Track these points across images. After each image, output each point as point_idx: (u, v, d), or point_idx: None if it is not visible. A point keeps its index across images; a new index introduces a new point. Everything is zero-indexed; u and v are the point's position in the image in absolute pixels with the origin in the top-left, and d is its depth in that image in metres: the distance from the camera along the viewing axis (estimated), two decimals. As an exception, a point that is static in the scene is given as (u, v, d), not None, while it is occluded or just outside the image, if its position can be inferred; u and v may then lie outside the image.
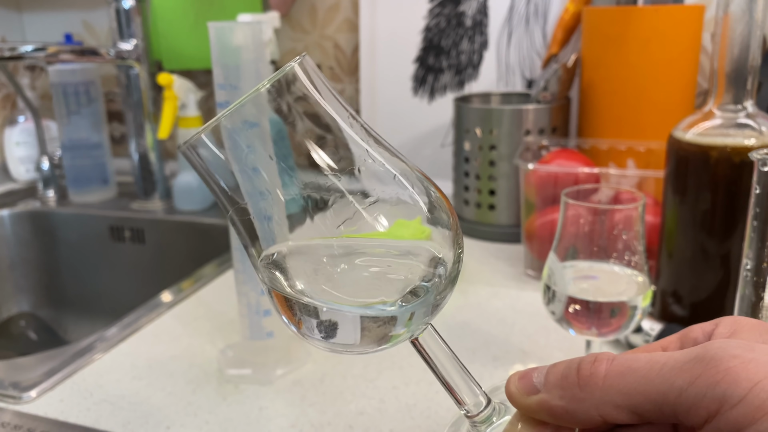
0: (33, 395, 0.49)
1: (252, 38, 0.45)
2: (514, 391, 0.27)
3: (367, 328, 0.28)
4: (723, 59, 0.47)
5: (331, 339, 0.28)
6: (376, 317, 0.28)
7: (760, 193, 0.33)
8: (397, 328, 0.28)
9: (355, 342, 0.29)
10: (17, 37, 1.19)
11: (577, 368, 0.25)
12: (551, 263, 0.44)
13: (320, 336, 0.28)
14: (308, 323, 0.28)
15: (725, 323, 0.26)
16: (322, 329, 0.28)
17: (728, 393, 0.21)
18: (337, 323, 0.28)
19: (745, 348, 0.22)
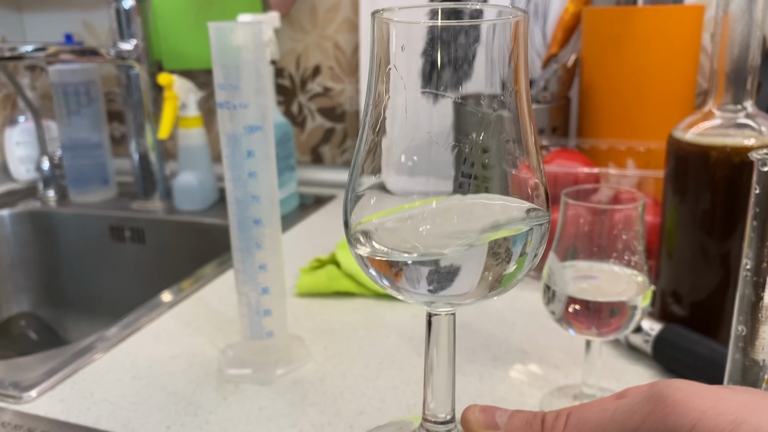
0: (33, 395, 0.49)
1: (252, 38, 0.45)
2: (473, 421, 0.29)
3: (488, 266, 0.28)
4: (723, 59, 0.47)
5: (443, 291, 0.28)
6: (497, 246, 0.27)
7: (759, 193, 0.33)
8: (511, 264, 0.28)
9: (471, 288, 0.28)
10: (17, 37, 1.19)
11: (542, 420, 0.28)
12: (551, 263, 0.44)
13: (427, 289, 0.28)
14: (416, 273, 0.28)
15: (660, 382, 0.28)
16: (434, 279, 0.28)
17: (678, 424, 0.23)
18: (459, 267, 0.27)
19: (688, 384, 0.24)
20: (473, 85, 0.29)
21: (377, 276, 0.29)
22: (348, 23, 1.00)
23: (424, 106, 0.29)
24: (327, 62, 1.03)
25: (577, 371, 0.51)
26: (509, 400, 0.48)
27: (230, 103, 0.46)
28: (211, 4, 0.99)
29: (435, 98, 0.29)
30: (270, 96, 0.62)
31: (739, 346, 0.36)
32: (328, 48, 1.02)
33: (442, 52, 0.27)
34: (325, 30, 1.01)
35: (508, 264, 0.28)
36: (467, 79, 0.29)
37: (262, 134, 0.47)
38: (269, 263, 0.49)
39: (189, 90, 0.93)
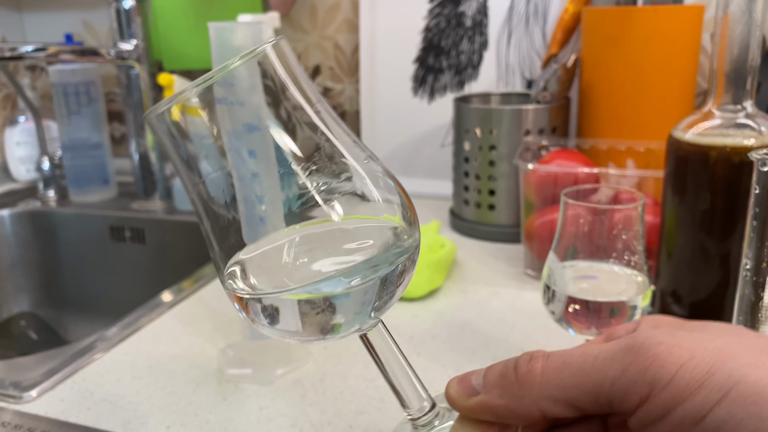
0: (33, 395, 0.49)
1: (252, 38, 0.45)
2: (454, 395, 0.29)
3: (306, 314, 0.28)
4: (722, 59, 0.47)
5: (276, 325, 0.29)
6: (312, 302, 0.28)
7: (759, 193, 0.34)
8: (337, 317, 0.28)
9: (298, 329, 0.28)
10: (18, 37, 1.19)
11: (514, 367, 0.27)
12: (551, 263, 0.44)
13: (266, 322, 0.29)
14: (253, 308, 0.29)
15: (646, 321, 0.28)
16: (267, 315, 0.28)
17: (657, 376, 0.23)
18: (278, 308, 0.28)
19: (668, 335, 0.24)
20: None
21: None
22: (348, 23, 1.00)
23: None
24: (327, 62, 1.03)
25: (577, 371, 0.51)
26: (509, 400, 0.48)
27: (228, 100, 0.46)
28: (212, 5, 0.99)
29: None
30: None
31: (738, 346, 0.36)
32: (328, 48, 1.02)
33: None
34: (325, 30, 1.02)
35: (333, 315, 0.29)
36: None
37: (262, 134, 0.47)
38: (269, 263, 0.49)
39: (189, 90, 0.93)
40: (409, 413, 0.31)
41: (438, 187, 0.96)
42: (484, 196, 0.79)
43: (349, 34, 1.01)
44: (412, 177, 0.97)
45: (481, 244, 0.79)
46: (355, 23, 0.99)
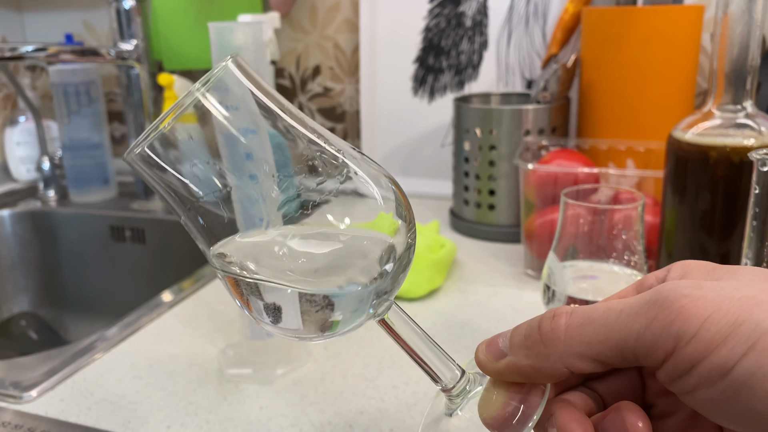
0: (33, 395, 0.49)
1: (252, 38, 0.45)
2: (483, 359, 0.29)
3: (306, 311, 0.28)
4: (722, 59, 0.47)
5: (279, 324, 0.29)
6: (312, 298, 0.28)
7: (759, 192, 0.34)
8: (336, 313, 0.28)
9: (299, 327, 0.29)
10: (18, 37, 1.19)
11: (538, 326, 0.27)
12: (551, 263, 0.44)
13: (268, 320, 0.29)
14: (255, 305, 0.29)
15: (676, 268, 0.27)
16: (269, 312, 0.29)
17: (682, 331, 0.22)
18: (280, 306, 0.28)
19: (694, 287, 0.23)
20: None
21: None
22: (348, 23, 1.00)
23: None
24: (327, 62, 1.03)
25: (577, 371, 0.51)
26: (509, 399, 0.48)
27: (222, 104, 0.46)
28: (211, 5, 0.99)
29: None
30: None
31: (738, 345, 0.36)
32: (328, 48, 1.02)
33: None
34: (325, 30, 1.02)
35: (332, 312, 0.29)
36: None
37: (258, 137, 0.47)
38: (269, 263, 0.50)
39: (189, 90, 0.93)
40: (442, 386, 0.31)
41: (438, 187, 0.96)
42: (484, 196, 0.79)
43: (349, 34, 1.01)
44: (412, 177, 0.97)
45: (481, 244, 0.79)
46: (355, 23, 0.99)
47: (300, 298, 0.28)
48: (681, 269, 0.27)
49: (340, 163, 0.29)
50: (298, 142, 0.30)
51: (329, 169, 0.29)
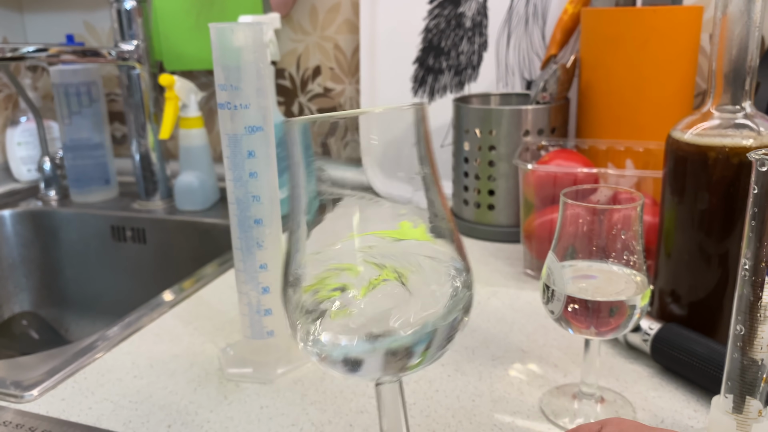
0: (35, 394, 0.50)
1: (253, 39, 0.45)
2: None
3: (389, 362, 0.29)
4: (721, 60, 0.48)
5: (355, 373, 0.30)
6: (395, 352, 0.29)
7: (758, 193, 0.34)
8: (413, 359, 0.30)
9: (379, 373, 0.30)
10: (19, 37, 1.19)
11: None
12: (550, 263, 0.44)
13: (343, 370, 0.30)
14: (331, 360, 0.30)
15: (612, 423, 0.28)
16: (348, 366, 0.30)
17: None
18: (362, 360, 0.29)
19: None
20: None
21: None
22: (348, 24, 1.00)
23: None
24: (327, 63, 1.03)
25: (576, 370, 0.51)
26: (508, 399, 0.48)
27: (231, 104, 0.46)
28: (212, 5, 0.99)
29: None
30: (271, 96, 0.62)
31: (737, 345, 0.36)
32: (329, 49, 1.03)
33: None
34: (326, 31, 1.02)
35: (409, 359, 0.30)
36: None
37: (263, 134, 0.47)
38: (270, 263, 0.50)
39: (190, 90, 0.94)
40: None
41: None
42: (483, 196, 0.80)
43: (349, 35, 1.01)
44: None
45: (481, 244, 0.79)
46: (355, 24, 1.00)
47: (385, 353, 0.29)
48: (617, 425, 0.28)
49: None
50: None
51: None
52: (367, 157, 0.30)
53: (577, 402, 0.47)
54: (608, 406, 0.47)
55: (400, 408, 0.31)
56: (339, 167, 0.30)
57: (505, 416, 0.46)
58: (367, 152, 0.30)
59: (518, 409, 0.47)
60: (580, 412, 0.46)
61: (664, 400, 0.47)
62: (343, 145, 1.07)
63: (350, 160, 0.30)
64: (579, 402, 0.47)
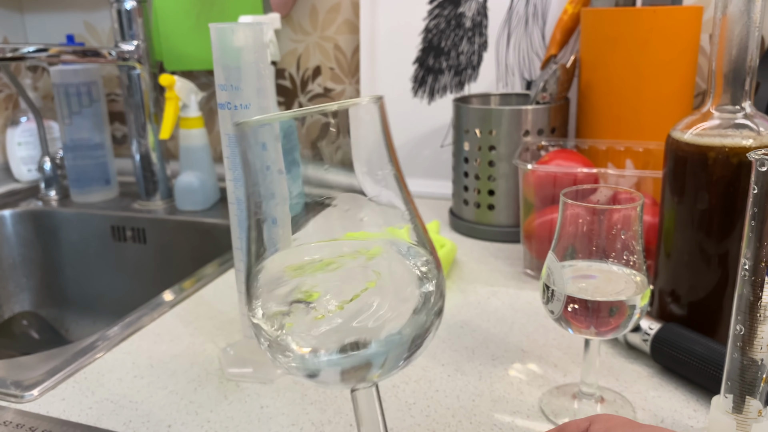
0: (35, 394, 0.50)
1: (253, 39, 0.45)
2: None
3: (347, 372, 0.29)
4: (721, 60, 0.48)
5: (315, 378, 0.29)
6: (355, 366, 0.28)
7: (757, 193, 0.34)
8: (373, 371, 0.29)
9: (336, 382, 0.29)
10: (19, 38, 1.19)
11: None
12: (550, 263, 0.44)
13: (303, 376, 0.29)
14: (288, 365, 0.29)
15: (600, 420, 0.27)
16: (306, 375, 0.29)
17: None
18: (319, 371, 0.29)
19: None
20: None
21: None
22: (348, 24, 1.00)
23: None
24: (327, 63, 1.03)
25: (576, 370, 0.51)
26: (508, 399, 0.48)
27: (231, 104, 0.46)
28: (212, 6, 0.99)
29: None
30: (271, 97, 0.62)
31: (737, 345, 0.36)
32: (329, 49, 1.03)
33: None
34: (326, 31, 1.02)
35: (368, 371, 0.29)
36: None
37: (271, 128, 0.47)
38: (270, 263, 0.50)
39: (190, 91, 0.94)
40: None
41: (438, 187, 0.96)
42: (483, 196, 0.80)
43: (349, 35, 1.01)
44: (412, 177, 0.98)
45: (481, 243, 0.79)
46: (355, 24, 1.00)
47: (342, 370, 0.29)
48: (605, 422, 0.28)
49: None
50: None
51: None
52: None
53: (577, 402, 0.47)
54: (608, 405, 0.47)
55: (377, 414, 0.31)
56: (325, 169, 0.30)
57: (505, 416, 0.46)
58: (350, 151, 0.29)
59: (518, 409, 0.47)
60: (580, 412, 0.46)
61: (664, 399, 0.47)
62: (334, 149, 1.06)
63: (338, 162, 0.29)
64: (579, 402, 0.47)
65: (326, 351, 0.28)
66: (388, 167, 0.30)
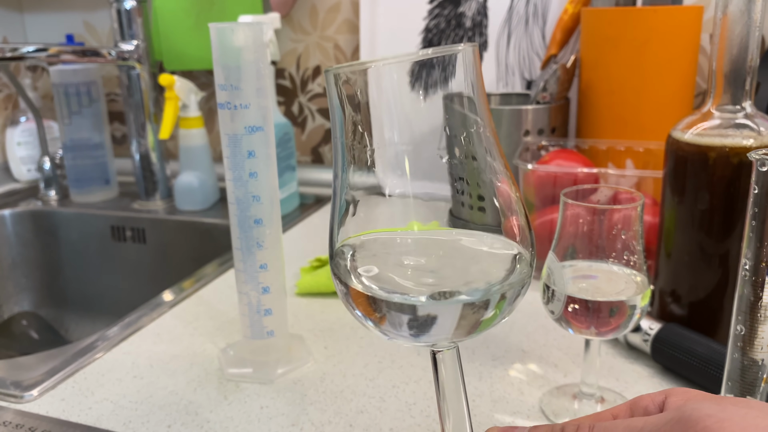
0: (34, 394, 0.50)
1: (253, 39, 0.45)
2: None
3: (464, 316, 0.28)
4: (721, 60, 0.48)
5: (422, 336, 0.28)
6: (473, 304, 0.27)
7: (758, 192, 0.34)
8: (489, 311, 0.28)
9: (449, 334, 0.28)
10: (19, 37, 1.19)
11: (561, 431, 0.27)
12: (550, 263, 0.44)
13: (409, 333, 0.28)
14: (396, 319, 0.28)
15: (677, 393, 0.27)
16: (415, 325, 0.28)
17: None
18: (436, 317, 0.27)
19: (717, 409, 0.23)
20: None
21: (362, 316, 0.30)
22: (348, 24, 1.00)
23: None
24: (327, 63, 1.03)
25: (576, 370, 0.51)
26: (508, 399, 0.48)
27: (231, 104, 0.46)
28: (212, 5, 0.99)
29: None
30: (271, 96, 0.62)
31: (737, 345, 0.36)
32: (329, 48, 1.02)
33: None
34: (326, 31, 1.02)
35: (485, 311, 0.28)
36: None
37: (263, 134, 0.47)
38: (270, 263, 0.50)
39: (190, 90, 0.94)
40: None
41: (438, 188, 0.96)
42: (484, 196, 0.79)
43: (349, 35, 1.01)
44: (413, 177, 0.97)
45: (481, 244, 0.79)
46: (355, 24, 1.00)
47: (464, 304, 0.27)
48: (682, 395, 0.27)
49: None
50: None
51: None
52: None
53: (578, 402, 0.47)
54: (608, 406, 0.46)
55: (459, 380, 0.30)
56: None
57: (505, 416, 0.46)
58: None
59: (518, 410, 0.47)
60: (580, 413, 0.46)
61: (665, 400, 0.47)
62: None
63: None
64: (579, 402, 0.47)
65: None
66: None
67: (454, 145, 0.29)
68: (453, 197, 0.31)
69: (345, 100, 0.29)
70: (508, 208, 0.29)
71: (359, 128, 0.29)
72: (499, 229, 0.29)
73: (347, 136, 0.29)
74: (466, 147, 0.29)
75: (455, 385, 0.30)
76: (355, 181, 0.29)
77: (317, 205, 0.96)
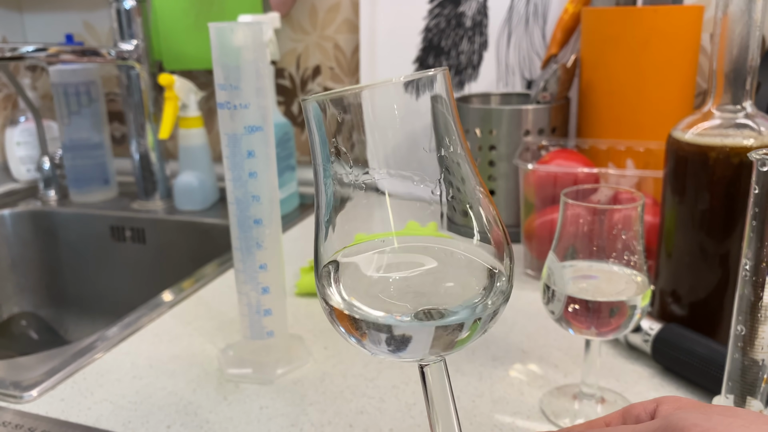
0: (34, 394, 0.50)
1: (252, 39, 0.45)
2: None
3: (438, 336, 0.28)
4: (722, 59, 0.48)
5: (400, 352, 0.29)
6: (446, 326, 0.28)
7: (758, 192, 0.34)
8: (463, 332, 0.28)
9: (425, 352, 0.29)
10: (18, 37, 1.19)
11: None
12: (550, 263, 0.44)
13: (387, 350, 0.29)
14: (376, 337, 0.28)
15: (668, 401, 0.27)
16: (392, 343, 0.28)
17: None
18: (411, 337, 0.28)
19: (703, 418, 0.24)
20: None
21: (344, 333, 0.30)
22: (348, 24, 1.00)
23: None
24: (327, 62, 1.03)
25: (577, 371, 0.51)
26: (509, 399, 0.48)
27: (231, 104, 0.46)
28: (212, 5, 0.99)
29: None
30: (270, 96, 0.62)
31: (738, 345, 0.36)
32: (328, 48, 1.02)
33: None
34: (325, 30, 1.02)
35: (460, 332, 0.28)
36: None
37: (263, 134, 0.47)
38: (269, 263, 0.50)
39: (189, 90, 0.94)
40: None
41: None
42: (484, 196, 0.79)
43: (349, 35, 1.01)
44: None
45: (481, 244, 0.79)
46: (355, 23, 0.99)
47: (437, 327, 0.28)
48: (673, 403, 0.27)
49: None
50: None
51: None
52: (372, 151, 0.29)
53: (578, 402, 0.47)
54: (609, 406, 0.46)
55: (447, 389, 0.31)
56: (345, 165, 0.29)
57: (505, 417, 0.46)
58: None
59: (518, 410, 0.46)
60: (580, 413, 0.46)
61: (665, 400, 0.47)
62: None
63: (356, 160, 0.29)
64: (579, 402, 0.47)
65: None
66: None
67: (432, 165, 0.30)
68: (431, 204, 0.31)
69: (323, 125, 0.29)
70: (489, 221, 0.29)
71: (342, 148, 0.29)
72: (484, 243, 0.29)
73: (327, 159, 0.29)
74: (443, 167, 0.30)
75: (443, 397, 0.31)
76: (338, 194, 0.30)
77: (317, 205, 0.95)
